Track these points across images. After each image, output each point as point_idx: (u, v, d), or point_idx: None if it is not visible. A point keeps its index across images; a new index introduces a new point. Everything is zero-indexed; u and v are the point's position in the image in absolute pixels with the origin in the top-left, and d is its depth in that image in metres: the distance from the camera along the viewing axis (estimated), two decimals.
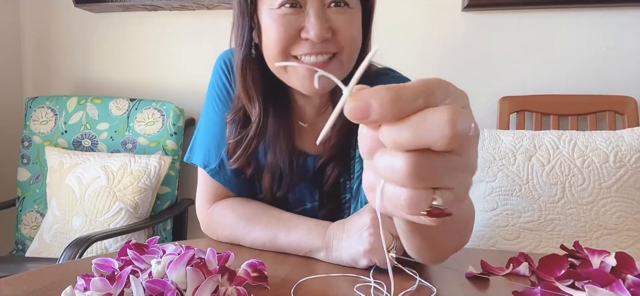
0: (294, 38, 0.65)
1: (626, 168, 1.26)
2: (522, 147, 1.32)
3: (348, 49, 0.67)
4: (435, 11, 1.58)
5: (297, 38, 0.65)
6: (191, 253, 0.53)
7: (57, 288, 0.54)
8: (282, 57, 0.66)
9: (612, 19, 1.50)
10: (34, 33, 1.88)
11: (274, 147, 0.74)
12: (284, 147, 0.74)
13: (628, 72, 1.50)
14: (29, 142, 1.69)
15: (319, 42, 0.64)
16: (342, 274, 0.64)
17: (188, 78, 1.77)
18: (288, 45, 0.65)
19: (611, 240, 1.23)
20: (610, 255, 0.59)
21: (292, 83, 0.69)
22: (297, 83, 0.68)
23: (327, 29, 0.64)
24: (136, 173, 1.48)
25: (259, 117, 0.72)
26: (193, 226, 1.77)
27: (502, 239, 1.27)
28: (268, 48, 0.67)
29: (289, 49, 0.66)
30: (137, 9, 1.72)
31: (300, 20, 0.65)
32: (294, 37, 0.65)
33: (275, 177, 0.75)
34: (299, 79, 0.67)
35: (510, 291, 0.55)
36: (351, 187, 0.76)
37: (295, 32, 0.65)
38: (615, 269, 0.58)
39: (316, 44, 0.64)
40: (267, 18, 0.66)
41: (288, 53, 0.66)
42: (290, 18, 0.65)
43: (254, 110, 0.72)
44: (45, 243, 1.47)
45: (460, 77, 1.58)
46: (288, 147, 0.74)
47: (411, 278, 0.61)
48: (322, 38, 0.64)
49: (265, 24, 0.66)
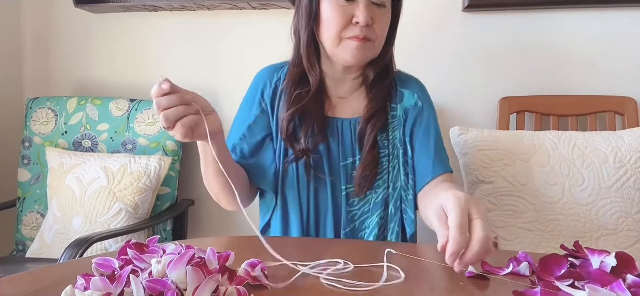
0: (347, 22, 0.90)
1: (626, 169, 1.26)
2: (522, 148, 1.32)
3: (379, 39, 0.94)
4: (435, 11, 1.58)
5: (349, 23, 0.90)
6: (191, 253, 0.53)
7: (57, 288, 0.54)
8: (337, 38, 0.92)
9: (612, 19, 1.50)
10: (34, 33, 1.88)
11: (311, 107, 0.97)
12: (319, 113, 0.98)
13: (628, 72, 1.50)
14: (30, 142, 1.69)
15: (364, 25, 0.89)
16: (342, 276, 0.64)
17: (188, 78, 1.77)
18: (342, 28, 0.91)
19: (611, 240, 1.23)
20: (610, 254, 0.59)
21: (340, 56, 0.94)
22: (347, 54, 0.93)
23: (370, 18, 0.90)
24: (136, 174, 1.48)
25: (318, 76, 0.97)
26: (193, 227, 1.77)
27: (502, 239, 1.27)
28: (327, 29, 0.92)
29: (342, 31, 0.91)
30: (138, 9, 1.72)
31: (352, 9, 0.90)
32: (347, 22, 0.90)
33: (311, 135, 0.97)
34: (349, 51, 0.92)
35: (510, 291, 0.55)
36: (387, 143, 0.99)
37: (348, 19, 0.90)
38: (615, 269, 0.58)
39: (363, 27, 0.90)
40: (328, 7, 0.91)
41: (341, 35, 0.91)
42: (346, 8, 0.90)
43: (314, 72, 0.97)
44: (46, 244, 1.47)
45: (460, 77, 1.58)
46: (320, 114, 0.99)
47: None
48: (366, 23, 0.89)
49: (325, 12, 0.92)
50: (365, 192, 0.97)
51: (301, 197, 0.99)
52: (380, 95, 0.99)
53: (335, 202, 0.98)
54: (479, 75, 1.57)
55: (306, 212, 0.99)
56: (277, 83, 1.02)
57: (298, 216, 0.98)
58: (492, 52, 1.56)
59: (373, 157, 0.96)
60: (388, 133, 0.99)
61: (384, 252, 0.71)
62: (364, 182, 0.96)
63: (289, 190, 0.99)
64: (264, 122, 1.01)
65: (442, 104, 1.59)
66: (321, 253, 0.71)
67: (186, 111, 0.73)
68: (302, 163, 0.98)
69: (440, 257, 0.76)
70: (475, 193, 1.34)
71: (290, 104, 0.97)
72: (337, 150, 0.99)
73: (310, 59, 0.97)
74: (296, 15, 0.99)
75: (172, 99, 0.72)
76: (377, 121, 0.97)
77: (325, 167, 0.98)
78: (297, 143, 0.97)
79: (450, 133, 1.41)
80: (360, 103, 1.00)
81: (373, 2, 0.90)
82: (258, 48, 1.69)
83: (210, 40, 1.74)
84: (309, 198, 0.98)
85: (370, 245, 0.86)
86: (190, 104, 0.74)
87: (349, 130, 0.99)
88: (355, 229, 0.98)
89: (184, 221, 1.68)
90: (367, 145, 0.96)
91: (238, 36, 1.72)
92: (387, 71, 1.02)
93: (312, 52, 0.97)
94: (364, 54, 0.92)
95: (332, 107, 1.01)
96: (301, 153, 0.96)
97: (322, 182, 0.98)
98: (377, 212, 0.97)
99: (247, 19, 1.70)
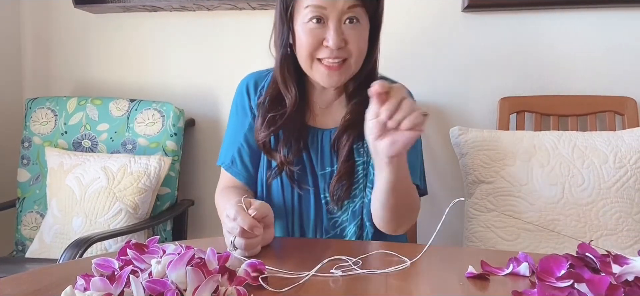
0: (318, 45, 0.88)
1: (626, 169, 1.26)
2: (522, 148, 1.32)
3: (356, 56, 0.90)
4: (435, 11, 1.58)
5: (320, 45, 0.88)
6: (191, 253, 0.53)
7: (57, 288, 0.54)
8: (309, 59, 0.90)
9: (612, 19, 1.50)
10: (34, 34, 1.88)
11: (289, 125, 0.96)
12: (297, 124, 0.97)
13: (628, 72, 1.50)
14: (29, 142, 1.69)
15: (336, 48, 0.86)
16: (342, 274, 0.64)
17: (188, 79, 1.77)
18: (313, 50, 0.88)
19: (611, 240, 1.23)
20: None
21: (316, 78, 0.92)
22: (320, 78, 0.91)
23: (342, 39, 0.87)
24: (136, 174, 1.48)
25: (295, 98, 0.95)
26: (193, 227, 1.77)
27: (501, 239, 1.27)
28: (299, 51, 0.91)
29: (314, 53, 0.89)
30: (138, 9, 1.72)
31: (323, 32, 0.87)
32: (318, 44, 0.88)
33: (290, 147, 0.96)
34: (321, 76, 0.90)
35: (510, 291, 0.55)
36: (363, 151, 0.97)
37: (319, 41, 0.88)
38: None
39: (333, 50, 0.87)
40: (300, 29, 0.89)
41: (313, 56, 0.89)
42: (316, 31, 0.87)
43: (289, 94, 0.95)
44: (45, 244, 1.47)
45: (460, 77, 1.58)
46: (300, 124, 0.98)
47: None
48: (337, 46, 0.86)
49: (298, 33, 0.89)
50: (342, 203, 0.96)
51: (286, 204, 0.99)
52: (358, 106, 0.93)
53: (317, 209, 0.98)
54: (479, 75, 1.57)
55: (291, 218, 0.99)
56: (262, 91, 1.01)
57: (283, 222, 0.99)
58: (492, 53, 1.56)
59: (348, 168, 0.95)
60: (364, 141, 0.95)
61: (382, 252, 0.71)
62: (340, 193, 0.95)
63: (274, 197, 1.00)
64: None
65: (442, 104, 1.59)
66: (320, 254, 0.71)
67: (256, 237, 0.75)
68: (285, 173, 0.98)
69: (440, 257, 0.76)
70: (475, 193, 1.34)
71: (267, 124, 0.95)
72: (317, 160, 0.98)
73: (286, 81, 0.95)
74: (272, 33, 0.97)
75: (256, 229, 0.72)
76: (352, 132, 0.94)
77: (308, 177, 0.98)
78: (277, 153, 0.97)
79: (450, 133, 1.41)
80: (340, 113, 0.99)
81: (346, 19, 0.87)
82: (258, 48, 1.68)
83: (210, 40, 1.74)
84: (294, 205, 0.99)
85: (371, 245, 0.86)
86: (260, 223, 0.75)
87: (328, 140, 0.98)
88: (336, 236, 0.99)
89: (184, 221, 1.68)
90: (342, 157, 0.95)
91: (238, 36, 1.72)
92: (369, 80, 0.99)
93: (289, 73, 0.95)
94: (338, 77, 0.90)
95: (314, 117, 1.00)
96: (281, 165, 0.96)
97: (305, 190, 0.98)
98: (355, 220, 0.97)
99: (246, 19, 1.70)
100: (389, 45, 1.05)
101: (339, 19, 0.86)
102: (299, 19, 0.89)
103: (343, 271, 0.65)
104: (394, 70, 1.13)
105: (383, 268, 0.66)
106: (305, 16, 0.87)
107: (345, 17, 0.87)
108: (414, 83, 1.14)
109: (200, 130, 1.77)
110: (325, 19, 0.87)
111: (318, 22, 0.87)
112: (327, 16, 0.86)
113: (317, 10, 0.86)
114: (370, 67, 0.97)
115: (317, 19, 0.86)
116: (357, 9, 0.87)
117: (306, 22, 0.87)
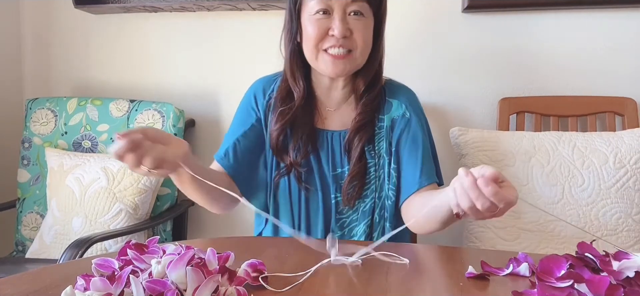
0: (324, 35, 0.93)
1: (626, 170, 1.26)
2: (522, 148, 1.32)
3: (361, 47, 0.94)
4: (435, 12, 1.58)
5: (326, 35, 0.93)
6: (191, 253, 0.54)
7: (57, 288, 0.54)
8: (314, 50, 0.94)
9: (612, 19, 1.50)
10: (33, 34, 1.88)
11: (298, 121, 0.99)
12: (306, 128, 1.00)
13: (628, 73, 1.50)
14: (29, 143, 1.69)
15: (341, 37, 0.91)
16: (341, 274, 0.64)
17: (188, 79, 1.77)
18: (319, 41, 0.93)
19: (611, 241, 1.23)
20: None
21: (321, 69, 0.96)
22: (325, 68, 0.95)
23: (347, 29, 0.92)
24: (136, 175, 1.48)
25: (303, 91, 0.98)
26: (193, 228, 1.77)
27: (501, 239, 1.27)
28: (306, 42, 0.95)
29: (320, 43, 0.93)
30: (138, 10, 1.72)
31: (328, 22, 0.92)
32: (324, 34, 0.92)
33: (299, 150, 0.99)
34: (326, 65, 0.94)
35: (510, 292, 0.55)
36: (374, 154, 0.99)
37: (324, 31, 0.92)
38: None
39: (338, 39, 0.91)
40: (307, 22, 0.94)
41: (319, 47, 0.93)
42: (322, 22, 0.92)
43: (297, 87, 0.99)
44: (45, 245, 1.47)
45: (460, 78, 1.58)
46: (309, 128, 1.00)
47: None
48: (342, 35, 0.91)
49: (305, 26, 0.94)
50: (354, 202, 0.99)
51: (293, 205, 1.01)
52: (368, 107, 0.99)
53: (325, 210, 1.00)
54: (479, 76, 1.57)
55: (297, 219, 1.01)
56: (271, 95, 1.03)
57: (289, 223, 1.01)
58: (492, 53, 1.56)
59: (360, 168, 0.98)
60: (374, 144, 1.00)
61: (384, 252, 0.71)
62: (352, 192, 0.98)
63: (281, 198, 1.01)
64: (258, 132, 1.03)
65: (442, 105, 1.59)
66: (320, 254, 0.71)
67: (141, 149, 0.70)
68: (293, 175, 0.99)
69: (440, 257, 0.76)
70: None
71: (278, 118, 0.99)
72: (327, 162, 1.00)
73: (294, 74, 0.99)
74: (283, 31, 1.01)
75: (122, 146, 0.68)
76: (364, 134, 0.98)
77: (316, 178, 1.00)
78: (287, 155, 0.99)
79: (450, 134, 1.41)
80: (349, 115, 1.01)
81: (351, 12, 0.92)
82: (258, 49, 1.69)
83: (210, 41, 1.74)
84: (301, 206, 1.01)
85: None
86: (142, 143, 0.70)
87: (338, 142, 1.01)
88: (343, 236, 1.00)
89: (184, 222, 1.68)
90: (354, 158, 0.98)
91: (238, 37, 1.72)
92: (376, 81, 1.02)
93: (297, 67, 0.99)
94: (343, 67, 0.94)
95: (322, 119, 1.03)
96: (290, 166, 0.99)
97: (313, 191, 1.00)
98: (364, 220, 0.99)
99: (247, 19, 1.70)
100: (389, 45, 1.06)
101: (344, 11, 0.92)
102: (306, 11, 0.94)
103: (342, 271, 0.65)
104: (395, 70, 1.13)
105: (383, 268, 0.66)
106: (312, 8, 0.93)
107: (350, 10, 0.92)
108: (414, 84, 1.14)
109: (200, 131, 1.77)
110: (331, 10, 0.92)
111: (324, 13, 0.92)
112: (332, 8, 0.92)
113: (323, 2, 0.92)
114: (376, 67, 1.00)
115: (323, 10, 0.92)
116: (362, 4, 0.92)
117: (313, 14, 0.93)
